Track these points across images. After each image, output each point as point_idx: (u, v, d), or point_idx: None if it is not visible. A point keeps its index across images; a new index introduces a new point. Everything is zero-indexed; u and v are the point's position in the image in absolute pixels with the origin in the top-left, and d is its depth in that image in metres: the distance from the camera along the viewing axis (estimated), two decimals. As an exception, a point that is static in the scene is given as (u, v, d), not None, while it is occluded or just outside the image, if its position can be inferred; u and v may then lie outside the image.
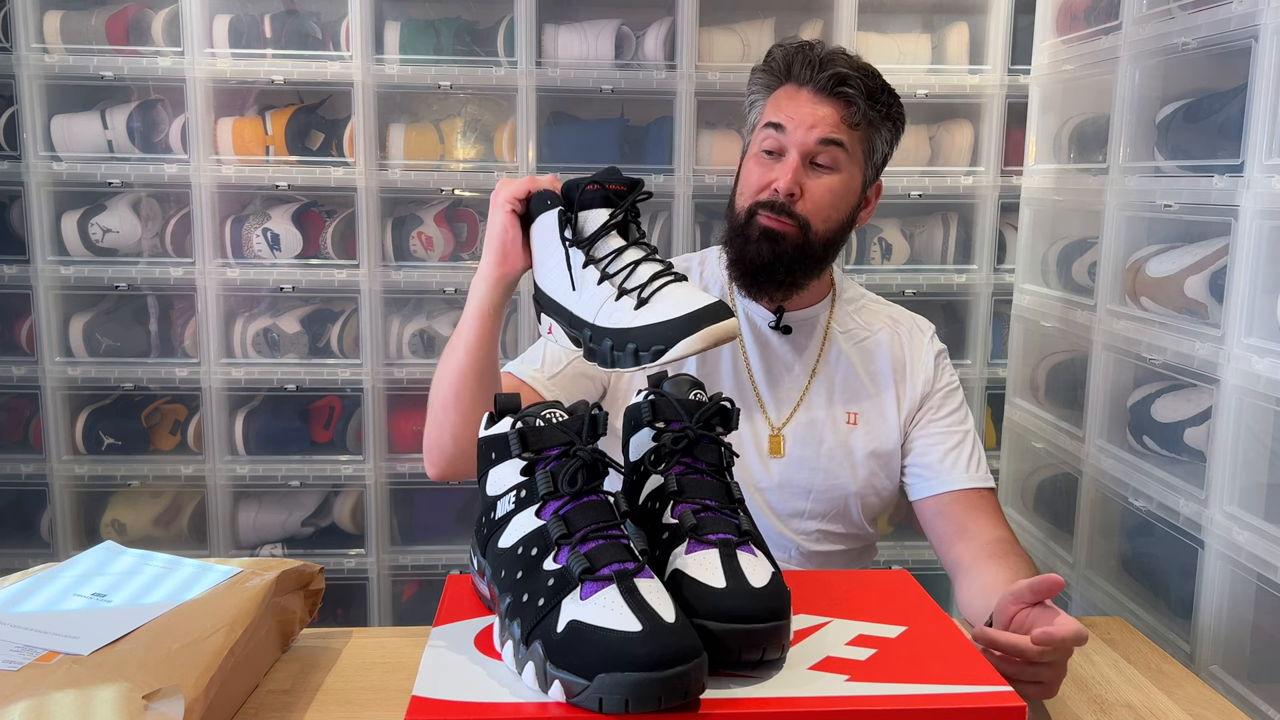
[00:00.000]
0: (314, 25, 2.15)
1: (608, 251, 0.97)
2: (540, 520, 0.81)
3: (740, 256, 1.35)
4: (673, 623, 0.73)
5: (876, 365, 1.43)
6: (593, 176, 1.00)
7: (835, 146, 1.31)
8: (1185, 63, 1.56)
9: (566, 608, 0.74)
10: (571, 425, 0.83)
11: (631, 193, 0.99)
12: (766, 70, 1.38)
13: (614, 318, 0.93)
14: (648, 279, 0.93)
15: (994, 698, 0.74)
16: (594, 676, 0.71)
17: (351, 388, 2.20)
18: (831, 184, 1.32)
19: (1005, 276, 2.23)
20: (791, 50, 1.35)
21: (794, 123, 1.31)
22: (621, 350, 0.91)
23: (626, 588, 0.74)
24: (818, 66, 1.32)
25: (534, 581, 0.78)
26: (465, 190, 2.21)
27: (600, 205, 0.99)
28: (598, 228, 0.98)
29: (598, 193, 0.98)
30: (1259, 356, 1.33)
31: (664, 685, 0.70)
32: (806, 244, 1.32)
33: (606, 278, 0.96)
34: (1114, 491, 1.68)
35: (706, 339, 0.88)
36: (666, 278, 0.94)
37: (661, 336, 0.89)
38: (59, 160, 2.13)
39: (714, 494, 0.88)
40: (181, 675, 0.85)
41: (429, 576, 2.27)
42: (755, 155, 1.35)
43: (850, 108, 1.31)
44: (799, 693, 0.75)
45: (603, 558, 0.77)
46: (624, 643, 0.71)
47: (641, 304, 0.92)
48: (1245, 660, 1.39)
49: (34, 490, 2.21)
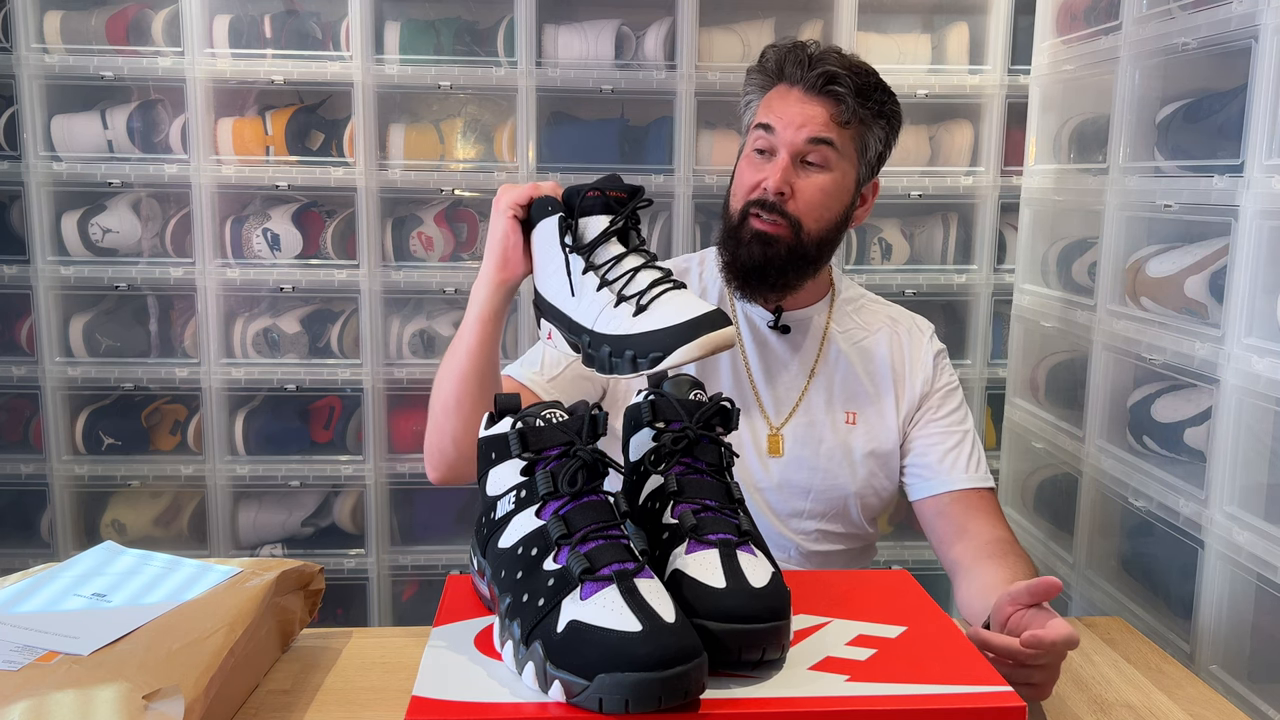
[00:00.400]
0: (314, 25, 2.15)
1: (607, 258, 0.98)
2: (540, 520, 0.81)
3: (734, 259, 1.35)
4: (673, 623, 0.73)
5: (875, 365, 1.43)
6: (594, 183, 1.00)
7: (825, 145, 1.31)
8: (1185, 63, 1.56)
9: (566, 608, 0.74)
10: (571, 425, 0.83)
11: (632, 200, 1.00)
12: (760, 71, 1.38)
13: (612, 324, 0.94)
14: (646, 285, 0.94)
15: (994, 698, 0.74)
16: (594, 676, 0.71)
17: (351, 388, 2.20)
18: (822, 183, 1.32)
19: (1005, 276, 2.23)
20: (784, 50, 1.36)
21: (783, 122, 1.31)
22: (619, 357, 0.91)
23: (627, 588, 0.74)
24: (808, 65, 1.32)
25: (534, 581, 0.77)
26: (465, 190, 2.21)
27: (600, 212, 0.99)
28: (597, 234, 0.98)
29: (598, 199, 0.99)
30: (1259, 356, 1.33)
31: (664, 685, 0.70)
32: (799, 244, 1.32)
33: (606, 284, 0.96)
34: (1114, 491, 1.68)
35: (704, 347, 0.88)
36: (665, 285, 0.94)
37: (659, 343, 0.89)
38: (59, 160, 2.13)
39: (714, 494, 0.88)
40: (181, 675, 0.85)
41: (429, 576, 2.27)
42: (747, 155, 1.36)
43: (840, 105, 1.31)
44: (799, 693, 0.76)
45: (603, 558, 0.77)
46: (624, 643, 0.71)
47: (640, 311, 0.92)
48: (1245, 660, 1.39)
49: (34, 490, 2.21)
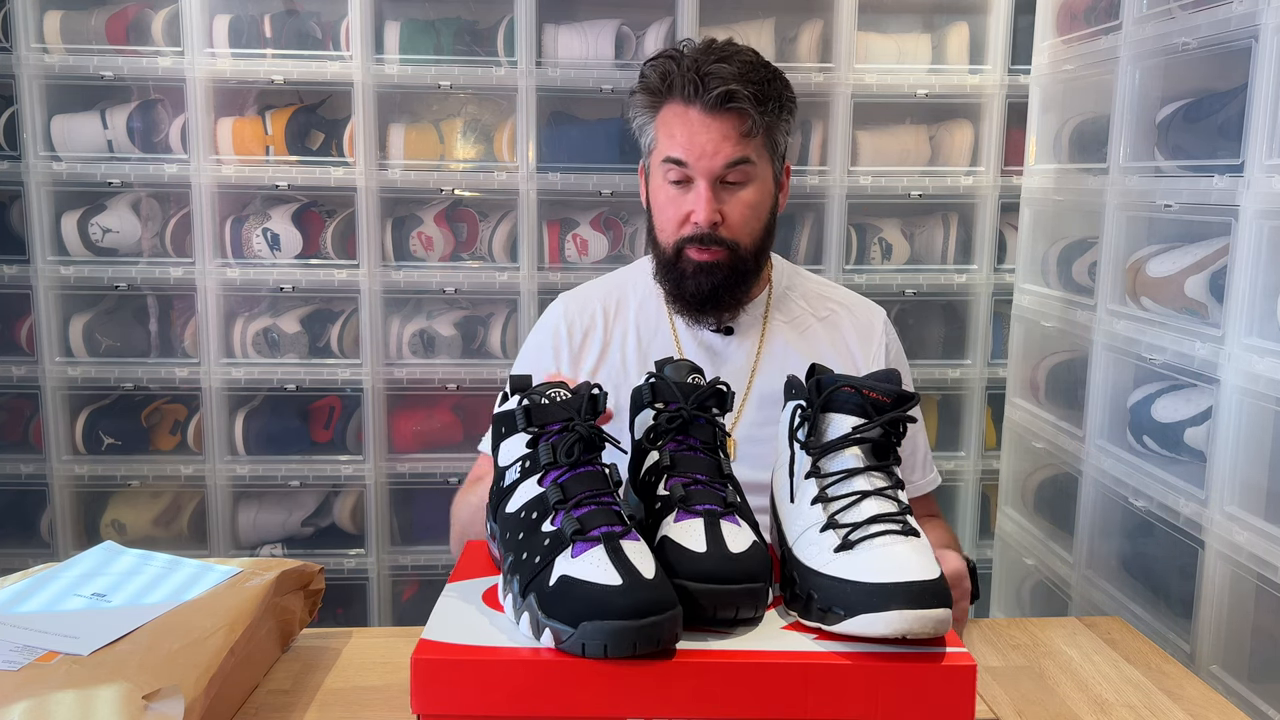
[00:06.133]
0: (314, 25, 2.15)
1: (838, 470, 0.87)
2: (541, 488, 0.87)
3: (679, 291, 1.32)
4: (651, 579, 0.79)
5: (822, 355, 1.37)
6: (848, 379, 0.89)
7: (743, 163, 1.27)
8: (1185, 63, 1.56)
9: (559, 564, 0.81)
10: (572, 404, 0.90)
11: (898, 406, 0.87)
12: (645, 90, 1.31)
13: (808, 552, 0.85)
14: (865, 519, 0.83)
15: (947, 657, 0.80)
16: (578, 624, 0.78)
17: (351, 388, 2.20)
18: (747, 198, 1.28)
19: (1005, 276, 2.23)
20: (666, 66, 1.28)
21: (694, 153, 1.25)
22: (800, 593, 0.84)
23: (613, 548, 0.81)
24: (700, 85, 1.24)
25: (533, 541, 0.85)
26: (465, 190, 2.21)
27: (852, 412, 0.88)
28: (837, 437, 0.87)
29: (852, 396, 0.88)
30: (1259, 356, 1.33)
31: (639, 633, 0.77)
32: (739, 262, 1.30)
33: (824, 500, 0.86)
34: (1114, 491, 1.68)
35: (898, 625, 0.77)
36: (888, 526, 0.83)
37: (844, 599, 0.80)
38: (59, 160, 2.13)
39: (704, 469, 0.92)
40: (181, 675, 0.85)
41: (429, 576, 2.27)
42: (663, 187, 1.30)
43: (745, 119, 1.25)
44: (765, 648, 0.82)
45: (593, 521, 0.83)
46: (606, 595, 0.78)
47: (844, 547, 0.83)
48: (1245, 660, 1.39)
49: (34, 490, 2.21)
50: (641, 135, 1.35)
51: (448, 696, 0.79)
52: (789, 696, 0.79)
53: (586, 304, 1.42)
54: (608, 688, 0.79)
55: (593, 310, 1.41)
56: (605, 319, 1.40)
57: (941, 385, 2.29)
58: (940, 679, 0.79)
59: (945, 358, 2.30)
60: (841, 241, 2.19)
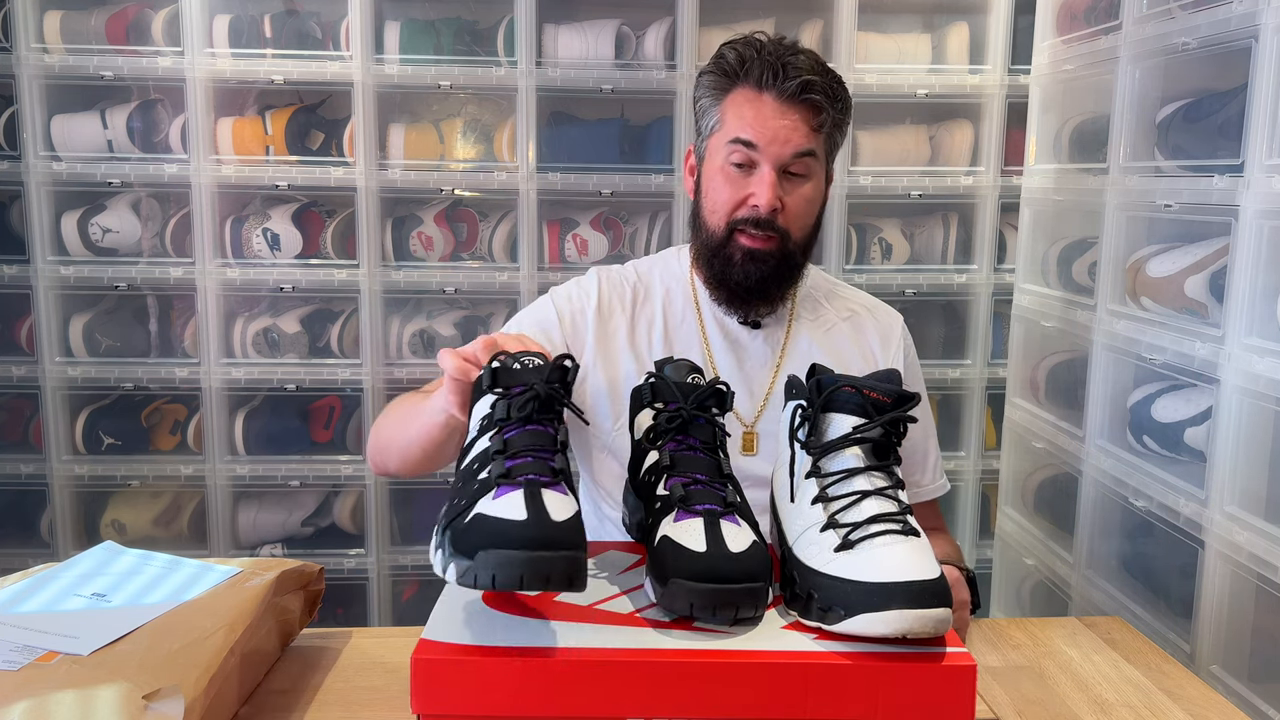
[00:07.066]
0: (314, 25, 2.15)
1: (838, 470, 0.87)
2: (490, 444, 0.87)
3: (724, 277, 1.32)
4: (559, 520, 0.77)
5: (845, 351, 1.39)
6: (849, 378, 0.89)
7: (808, 156, 1.27)
8: (1185, 63, 1.56)
9: (479, 506, 0.80)
10: (542, 371, 0.89)
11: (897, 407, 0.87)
12: (719, 72, 1.30)
13: (808, 551, 0.85)
14: (865, 519, 0.83)
15: (947, 657, 0.79)
16: (475, 555, 0.76)
17: (351, 388, 2.20)
18: (806, 192, 1.29)
19: (1005, 276, 2.23)
20: (746, 51, 1.28)
21: (766, 138, 1.25)
22: (800, 593, 0.84)
23: (531, 492, 0.79)
24: (781, 73, 1.24)
25: (466, 488, 0.84)
26: (465, 190, 2.21)
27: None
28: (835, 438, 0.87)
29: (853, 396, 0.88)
30: (1259, 356, 1.33)
31: (527, 564, 0.74)
32: (788, 254, 1.30)
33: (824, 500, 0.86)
34: (1114, 491, 1.68)
35: (898, 624, 0.77)
36: (889, 525, 0.83)
37: (844, 599, 0.80)
38: (59, 160, 2.13)
39: (704, 469, 0.92)
40: (181, 675, 0.85)
41: (429, 576, 2.27)
42: (722, 169, 1.30)
43: (819, 114, 1.26)
44: (766, 648, 0.81)
45: (523, 470, 0.82)
46: (505, 527, 0.76)
47: (844, 547, 0.83)
48: (1245, 660, 1.39)
49: (34, 490, 2.21)
50: (704, 116, 1.33)
51: (448, 696, 0.79)
52: (789, 696, 0.79)
53: (621, 285, 1.41)
54: (608, 688, 0.78)
55: (623, 294, 1.40)
56: (634, 302, 1.40)
57: (941, 385, 2.29)
58: (940, 679, 0.79)
59: (945, 358, 2.30)
60: (842, 241, 2.19)
